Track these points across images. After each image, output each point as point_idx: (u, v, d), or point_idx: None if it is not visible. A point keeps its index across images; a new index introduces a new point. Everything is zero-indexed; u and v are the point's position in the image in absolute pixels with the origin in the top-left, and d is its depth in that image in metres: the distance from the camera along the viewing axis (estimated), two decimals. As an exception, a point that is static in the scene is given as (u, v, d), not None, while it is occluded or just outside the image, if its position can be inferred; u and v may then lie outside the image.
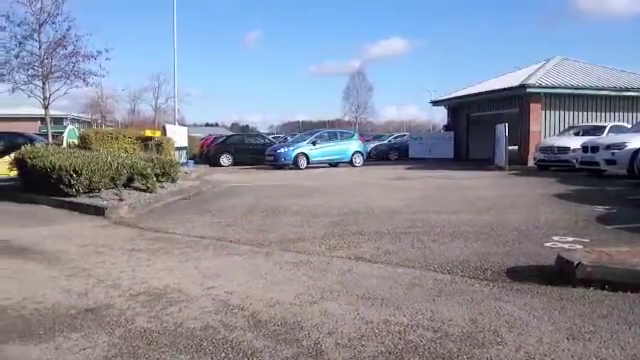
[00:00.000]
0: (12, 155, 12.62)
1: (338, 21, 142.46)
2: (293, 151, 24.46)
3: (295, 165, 24.02)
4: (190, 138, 26.82)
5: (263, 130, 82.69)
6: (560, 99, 23.18)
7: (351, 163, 25.43)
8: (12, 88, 17.27)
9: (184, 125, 31.95)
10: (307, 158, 24.43)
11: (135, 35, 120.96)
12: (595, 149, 15.62)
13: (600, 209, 8.89)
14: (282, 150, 24.84)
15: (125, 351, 3.33)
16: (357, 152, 26.00)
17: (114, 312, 4.09)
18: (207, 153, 28.65)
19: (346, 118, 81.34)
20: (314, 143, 25.12)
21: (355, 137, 27.76)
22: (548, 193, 11.46)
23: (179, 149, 19.36)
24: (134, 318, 3.94)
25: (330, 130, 31.79)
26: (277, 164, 24.22)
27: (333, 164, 25.22)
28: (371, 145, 34.72)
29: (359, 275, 5.11)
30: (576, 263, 4.56)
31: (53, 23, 16.94)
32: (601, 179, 14.74)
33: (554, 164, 18.61)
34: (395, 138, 38.00)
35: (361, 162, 25.81)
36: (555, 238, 6.57)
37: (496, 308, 4.04)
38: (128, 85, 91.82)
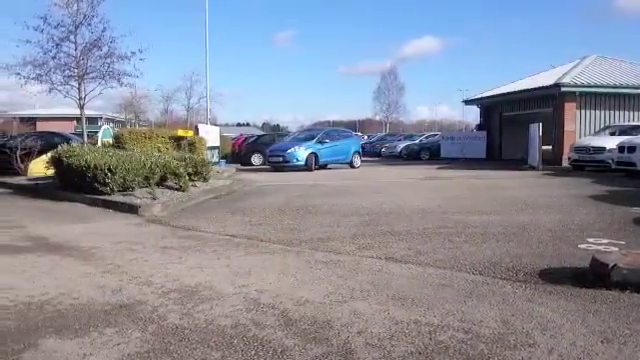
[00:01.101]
0: (49, 154, 12.90)
1: (371, 21, 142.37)
2: (305, 151, 21.69)
3: (307, 166, 21.41)
4: (222, 138, 27.06)
5: (294, 130, 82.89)
6: (596, 98, 22.71)
7: (351, 164, 23.57)
8: (49, 89, 17.62)
9: (216, 125, 32.26)
10: (316, 159, 21.97)
11: (168, 35, 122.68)
12: (632, 149, 15.29)
13: (637, 210, 8.69)
14: (292, 150, 21.74)
15: (157, 347, 3.39)
16: (357, 152, 24.36)
17: (147, 309, 4.16)
18: (238, 153, 28.84)
19: (377, 118, 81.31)
20: (321, 142, 22.70)
21: (354, 136, 26.18)
22: (583, 194, 11.27)
23: (211, 148, 19.53)
24: (166, 315, 4.00)
25: (331, 128, 30.31)
26: (287, 165, 21.43)
27: (322, 165, 22.58)
28: (402, 145, 34.54)
29: (389, 275, 5.10)
30: (611, 265, 4.48)
31: (89, 25, 17.20)
32: (638, 180, 14.41)
33: (589, 164, 18.26)
34: (426, 138, 37.70)
35: (359, 163, 24.23)
36: (589, 240, 6.46)
37: (528, 310, 3.99)
38: (161, 85, 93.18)
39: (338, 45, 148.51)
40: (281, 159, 21.87)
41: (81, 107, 17.80)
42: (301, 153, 21.66)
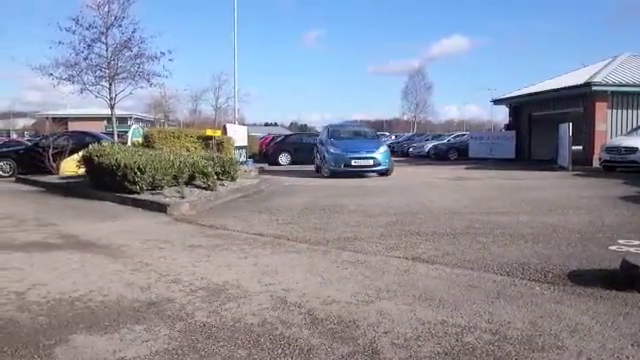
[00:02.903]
0: (80, 153, 13.12)
1: (399, 20, 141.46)
2: (387, 152, 17.63)
3: (387, 172, 17.40)
4: (250, 137, 27.21)
5: (320, 130, 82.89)
6: (628, 97, 22.22)
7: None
8: (81, 89, 17.99)
9: (244, 124, 32.42)
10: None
11: (197, 35, 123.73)
12: (665, 149, 14.99)
13: (670, 212, 8.53)
14: (380, 151, 17.30)
15: (185, 344, 3.43)
16: None
17: (175, 306, 4.21)
18: (266, 152, 28.99)
19: (405, 117, 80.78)
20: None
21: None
22: (613, 195, 11.07)
23: (239, 148, 19.64)
24: (194, 312, 4.05)
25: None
26: (374, 171, 17.16)
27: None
28: (429, 144, 34.31)
29: (416, 275, 5.08)
30: (642, 267, 4.41)
31: (119, 26, 17.54)
32: (672, 181, 14.11)
33: (620, 165, 17.91)
34: (455, 137, 37.33)
35: None
36: (620, 241, 6.36)
37: (557, 312, 3.95)
38: (190, 85, 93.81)
39: (367, 45, 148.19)
40: (371, 162, 17.01)
41: (111, 107, 18.11)
42: (387, 155, 17.56)
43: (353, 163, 16.91)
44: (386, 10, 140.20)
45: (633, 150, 17.30)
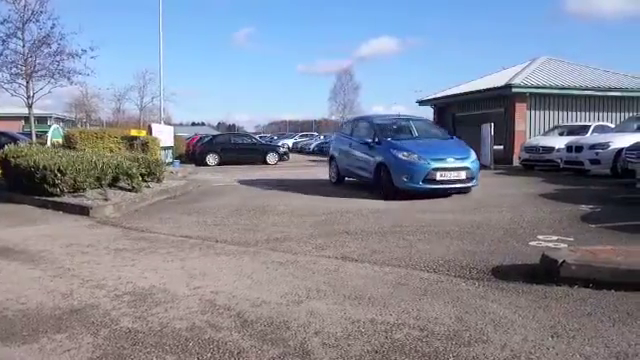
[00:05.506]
0: (-5, 154, 12.48)
1: (331, 20, 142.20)
2: (477, 161, 11.95)
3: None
4: (176, 138, 26.69)
5: (249, 129, 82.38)
6: (545, 99, 23.32)
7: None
8: (-5, 86, 17.11)
9: (170, 124, 31.82)
10: None
11: (122, 35, 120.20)
12: (579, 149, 15.74)
13: (584, 208, 8.97)
14: (471, 161, 11.42)
15: (110, 352, 3.31)
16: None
17: (99, 313, 4.06)
18: (193, 153, 28.51)
19: (333, 117, 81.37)
20: None
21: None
22: (533, 192, 11.54)
23: (165, 148, 19.24)
24: (119, 319, 3.91)
25: None
26: (469, 187, 11.42)
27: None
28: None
29: (346, 274, 5.11)
30: (560, 262, 4.60)
31: (37, 21, 16.80)
32: (585, 178, 14.83)
33: (539, 164, 18.69)
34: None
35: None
36: (540, 237, 6.63)
37: (482, 307, 4.06)
38: (114, 84, 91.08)
39: (297, 44, 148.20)
40: (464, 175, 11.06)
41: (29, 106, 17.34)
42: (478, 165, 12.01)
43: (438, 177, 10.85)
44: (316, 9, 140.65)
45: (550, 149, 18.08)
